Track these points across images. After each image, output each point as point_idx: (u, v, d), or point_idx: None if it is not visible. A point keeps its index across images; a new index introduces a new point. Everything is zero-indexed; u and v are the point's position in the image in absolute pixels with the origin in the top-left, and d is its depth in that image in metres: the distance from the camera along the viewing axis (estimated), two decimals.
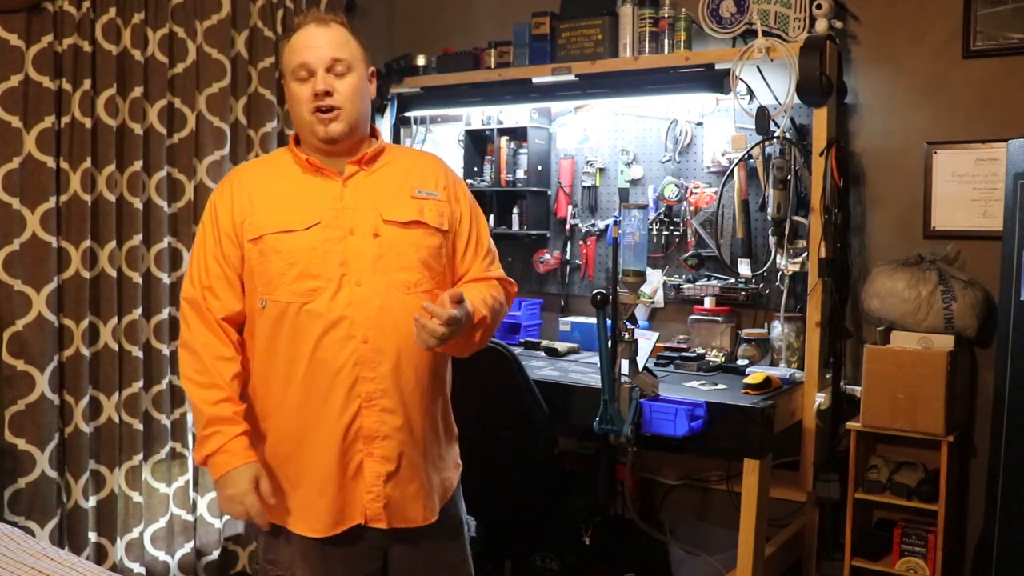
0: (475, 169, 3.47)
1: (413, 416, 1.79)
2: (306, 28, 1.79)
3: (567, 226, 3.37)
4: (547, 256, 3.40)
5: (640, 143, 3.25)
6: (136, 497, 2.86)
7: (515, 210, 3.38)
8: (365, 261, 1.75)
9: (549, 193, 3.42)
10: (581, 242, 3.36)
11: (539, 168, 3.36)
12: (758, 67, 2.80)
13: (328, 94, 1.76)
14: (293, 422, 1.76)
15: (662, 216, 3.13)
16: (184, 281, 1.84)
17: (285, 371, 1.75)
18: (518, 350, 3.07)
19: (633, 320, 2.40)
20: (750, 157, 2.92)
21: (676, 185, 3.09)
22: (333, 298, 1.72)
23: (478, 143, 3.49)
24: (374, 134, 1.89)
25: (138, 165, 2.80)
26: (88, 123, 2.66)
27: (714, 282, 3.07)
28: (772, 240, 2.80)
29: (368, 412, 1.74)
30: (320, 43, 1.77)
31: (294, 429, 1.77)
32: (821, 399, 2.68)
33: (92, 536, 2.76)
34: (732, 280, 3.03)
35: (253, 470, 1.73)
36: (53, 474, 2.61)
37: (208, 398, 1.74)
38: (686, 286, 3.12)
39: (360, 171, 1.82)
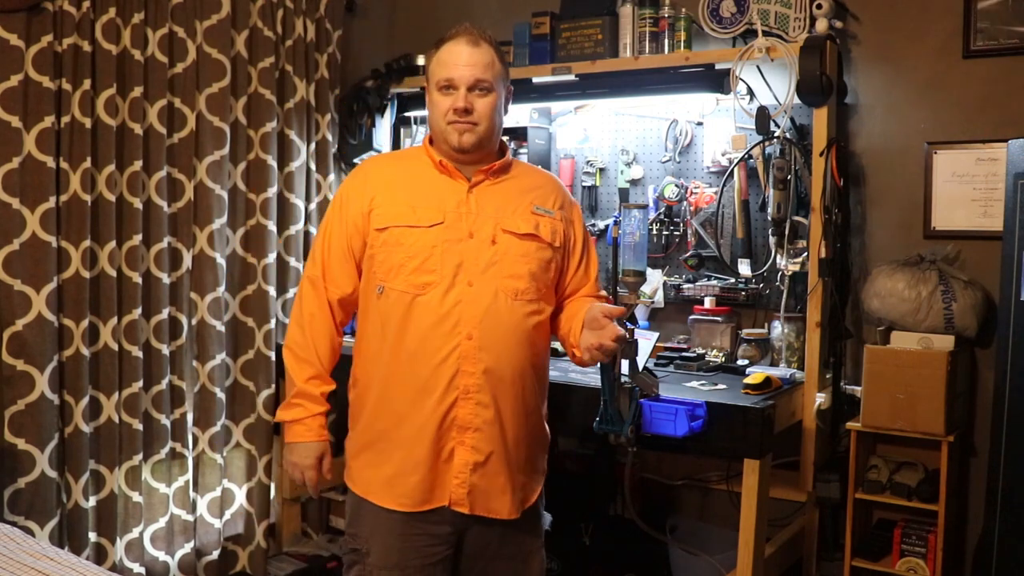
0: None
1: (505, 414, 1.90)
2: (456, 42, 1.92)
3: None
4: None
5: (640, 143, 3.25)
6: (136, 497, 2.86)
7: None
8: (479, 264, 1.88)
9: None
10: None
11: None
12: (758, 67, 2.80)
13: (468, 111, 1.88)
14: (393, 403, 1.89)
15: (662, 216, 3.13)
16: (308, 260, 2.04)
17: (392, 355, 1.89)
18: None
19: (633, 320, 2.40)
20: (750, 157, 2.92)
21: (676, 185, 3.09)
22: (445, 294, 1.86)
23: None
24: (502, 148, 2.02)
25: (138, 165, 2.80)
26: (88, 123, 2.66)
27: (714, 282, 3.07)
28: (772, 240, 2.80)
29: (464, 404, 1.87)
30: (467, 62, 1.90)
31: (393, 410, 1.89)
32: (821, 399, 2.68)
33: (92, 536, 2.76)
34: (732, 280, 3.03)
35: (321, 448, 1.98)
36: (53, 474, 2.61)
37: (302, 372, 1.96)
38: (686, 286, 3.12)
39: (486, 180, 1.95)
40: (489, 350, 1.87)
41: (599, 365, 2.19)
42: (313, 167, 3.36)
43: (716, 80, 2.85)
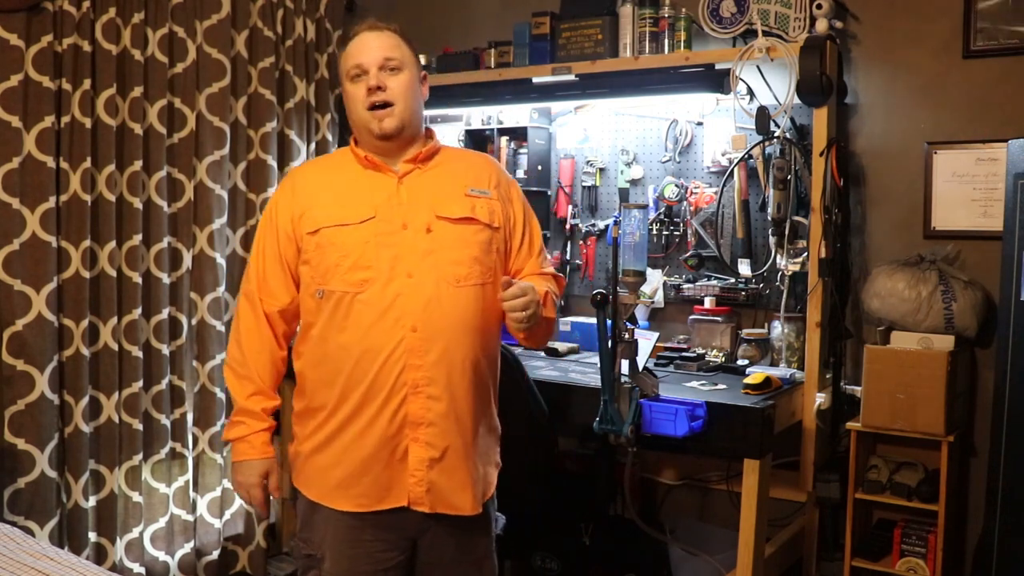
0: None
1: (459, 405, 1.86)
2: (361, 35, 1.91)
3: (567, 226, 3.37)
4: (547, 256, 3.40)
5: (640, 143, 3.25)
6: (136, 497, 2.86)
7: None
8: (416, 254, 1.83)
9: (549, 193, 3.41)
10: (581, 242, 3.35)
11: (539, 168, 3.36)
12: (758, 67, 2.80)
13: (381, 89, 1.86)
14: (342, 404, 1.84)
15: (662, 216, 3.13)
16: (244, 274, 1.98)
17: (337, 356, 1.83)
18: (518, 350, 3.06)
19: (633, 320, 2.40)
20: (750, 157, 2.92)
21: (676, 185, 3.09)
22: (384, 288, 1.81)
23: (478, 143, 3.48)
24: (429, 135, 1.99)
25: (138, 165, 2.80)
26: (88, 123, 2.67)
27: (714, 282, 3.07)
28: (772, 240, 2.80)
29: (414, 399, 1.81)
30: (373, 45, 1.88)
31: (342, 411, 1.84)
32: (821, 399, 2.68)
33: (92, 536, 2.77)
34: (732, 280, 3.03)
35: (265, 465, 1.93)
36: (53, 474, 2.61)
37: (242, 389, 1.92)
38: (686, 286, 3.12)
39: (415, 169, 1.92)
40: (436, 340, 1.81)
41: (599, 365, 2.19)
42: None
43: (716, 80, 2.85)
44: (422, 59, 3.48)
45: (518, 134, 3.37)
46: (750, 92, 2.84)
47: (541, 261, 2.05)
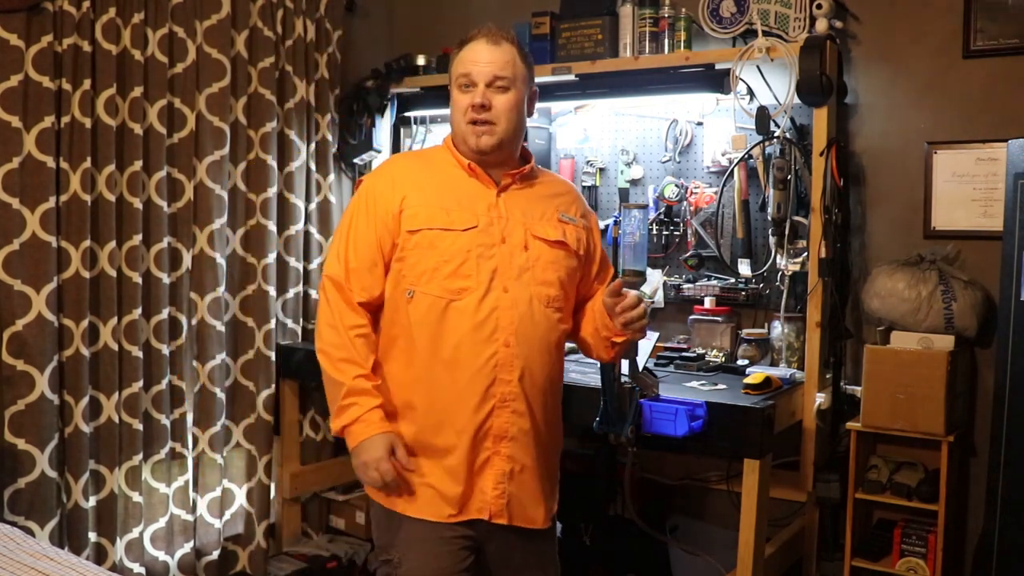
0: None
1: (539, 421, 1.90)
2: (477, 42, 1.90)
3: None
4: None
5: (640, 143, 3.25)
6: (136, 497, 2.86)
7: None
8: (513, 270, 1.85)
9: None
10: None
11: None
12: (758, 67, 2.80)
13: (484, 107, 1.85)
14: (428, 412, 1.85)
15: (662, 216, 3.13)
16: (329, 258, 1.92)
17: (424, 363, 1.84)
18: None
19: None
20: (750, 157, 2.92)
21: (676, 185, 3.09)
22: (481, 300, 1.82)
23: None
24: (525, 155, 2.00)
25: (138, 165, 2.80)
26: (88, 123, 2.66)
27: (714, 282, 3.07)
28: (772, 240, 2.80)
29: (500, 412, 1.84)
30: (486, 59, 1.88)
31: (425, 420, 1.85)
32: (821, 399, 2.68)
33: (92, 536, 2.76)
34: (732, 280, 3.03)
35: (389, 439, 1.83)
36: (53, 474, 2.61)
37: (347, 372, 1.84)
38: (686, 286, 3.12)
39: (514, 185, 1.93)
40: (525, 357, 1.84)
41: (599, 365, 2.19)
42: (313, 167, 3.36)
43: (716, 80, 2.85)
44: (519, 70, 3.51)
45: None
46: (750, 92, 2.84)
47: None
